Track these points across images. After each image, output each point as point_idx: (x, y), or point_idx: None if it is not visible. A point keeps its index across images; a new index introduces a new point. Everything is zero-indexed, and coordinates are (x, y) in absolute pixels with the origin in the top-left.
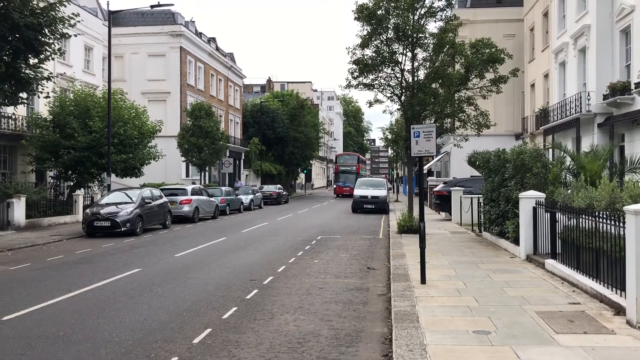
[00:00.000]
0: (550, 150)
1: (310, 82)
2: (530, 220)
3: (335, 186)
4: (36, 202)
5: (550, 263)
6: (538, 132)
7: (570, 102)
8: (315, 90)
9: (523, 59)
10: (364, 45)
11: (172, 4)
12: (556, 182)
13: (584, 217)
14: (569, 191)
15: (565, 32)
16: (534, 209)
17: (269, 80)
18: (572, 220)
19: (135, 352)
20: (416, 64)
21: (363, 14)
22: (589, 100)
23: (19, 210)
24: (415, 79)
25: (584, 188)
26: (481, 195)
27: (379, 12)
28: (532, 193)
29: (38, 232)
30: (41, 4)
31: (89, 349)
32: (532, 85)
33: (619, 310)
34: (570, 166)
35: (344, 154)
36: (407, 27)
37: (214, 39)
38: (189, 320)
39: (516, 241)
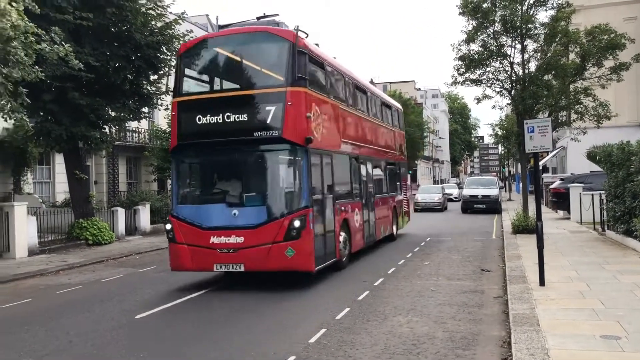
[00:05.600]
0: None
1: (414, 81)
2: None
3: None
4: (159, 208)
5: None
6: None
7: None
8: (419, 89)
9: None
10: (469, 40)
11: (277, 14)
12: None
13: None
14: None
15: None
16: None
17: (372, 82)
18: None
19: (255, 351)
20: (526, 56)
21: (468, 8)
22: None
23: (144, 216)
24: (526, 71)
25: None
26: (603, 192)
27: (485, 5)
28: None
29: (161, 237)
30: (158, 24)
31: (212, 347)
32: None
33: None
34: None
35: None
36: (516, 19)
37: (317, 45)
38: (304, 320)
39: None
